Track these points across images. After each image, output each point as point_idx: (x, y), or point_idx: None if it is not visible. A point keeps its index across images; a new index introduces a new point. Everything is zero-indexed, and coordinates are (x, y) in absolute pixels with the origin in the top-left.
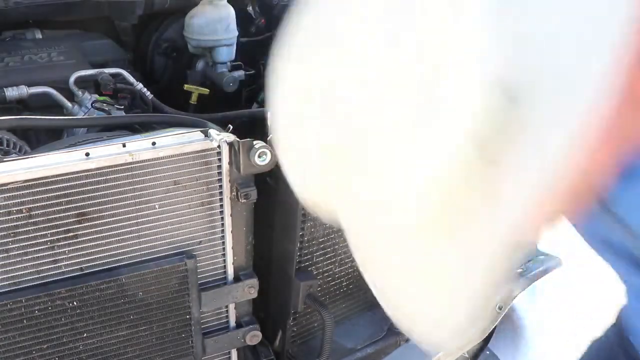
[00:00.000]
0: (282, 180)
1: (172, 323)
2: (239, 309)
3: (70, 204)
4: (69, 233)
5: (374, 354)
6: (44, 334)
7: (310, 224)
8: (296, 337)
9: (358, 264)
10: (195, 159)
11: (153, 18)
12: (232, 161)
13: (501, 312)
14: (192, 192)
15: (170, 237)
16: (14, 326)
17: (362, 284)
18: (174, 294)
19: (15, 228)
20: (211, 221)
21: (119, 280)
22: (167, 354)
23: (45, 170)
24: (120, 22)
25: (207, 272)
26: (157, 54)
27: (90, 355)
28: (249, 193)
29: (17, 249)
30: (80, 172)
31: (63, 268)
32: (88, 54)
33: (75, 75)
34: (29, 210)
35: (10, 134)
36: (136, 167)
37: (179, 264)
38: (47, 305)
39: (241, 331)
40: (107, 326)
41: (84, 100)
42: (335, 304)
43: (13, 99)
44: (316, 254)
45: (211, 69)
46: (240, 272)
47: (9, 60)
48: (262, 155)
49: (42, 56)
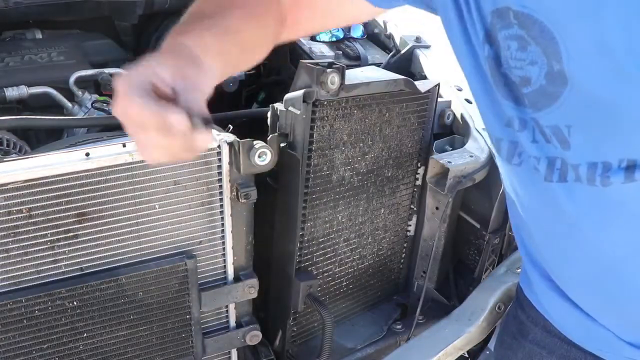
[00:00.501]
0: (282, 180)
1: (172, 323)
2: (239, 309)
3: (70, 204)
4: (69, 233)
5: (374, 354)
6: (44, 334)
7: (310, 224)
8: (296, 337)
9: None
10: (195, 159)
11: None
12: (232, 161)
13: (501, 312)
14: (192, 192)
15: (170, 237)
16: (14, 326)
17: (362, 284)
18: (174, 294)
19: (16, 228)
20: (211, 221)
21: (119, 280)
22: (167, 354)
23: (45, 170)
24: (120, 22)
25: (207, 272)
26: None
27: (91, 355)
28: (249, 193)
29: (17, 249)
30: (80, 172)
31: (63, 268)
32: (88, 54)
33: (76, 75)
34: (29, 210)
35: (10, 134)
36: (136, 167)
37: (179, 264)
38: (47, 305)
39: (241, 331)
40: (107, 326)
41: (84, 100)
42: (335, 304)
43: (13, 99)
44: (316, 254)
45: None
46: (240, 272)
47: (9, 60)
48: (262, 155)
49: (42, 56)
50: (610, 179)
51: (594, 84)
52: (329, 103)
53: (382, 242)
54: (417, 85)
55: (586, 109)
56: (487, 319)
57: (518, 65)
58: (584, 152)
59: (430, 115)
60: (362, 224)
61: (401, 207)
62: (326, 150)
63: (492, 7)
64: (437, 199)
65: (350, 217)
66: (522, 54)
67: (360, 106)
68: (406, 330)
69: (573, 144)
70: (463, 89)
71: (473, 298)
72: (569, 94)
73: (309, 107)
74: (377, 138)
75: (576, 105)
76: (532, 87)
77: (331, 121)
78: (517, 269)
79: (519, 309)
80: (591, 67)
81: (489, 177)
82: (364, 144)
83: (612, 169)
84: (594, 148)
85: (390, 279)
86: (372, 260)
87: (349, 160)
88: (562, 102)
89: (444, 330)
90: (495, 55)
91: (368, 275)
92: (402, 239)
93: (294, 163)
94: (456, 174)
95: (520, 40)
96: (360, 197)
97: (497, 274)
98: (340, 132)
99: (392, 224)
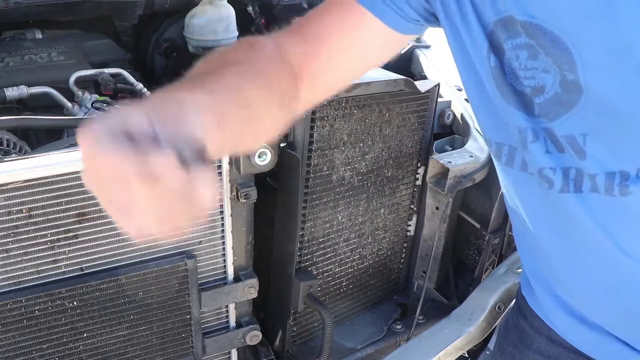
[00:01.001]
0: (282, 180)
1: (172, 323)
2: (239, 309)
3: (70, 204)
4: (69, 233)
5: (374, 354)
6: (44, 334)
7: (310, 224)
8: (296, 337)
9: None
10: (203, 222)
11: (153, 18)
12: (232, 161)
13: (501, 312)
14: None
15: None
16: (14, 326)
17: (362, 284)
18: (174, 294)
19: (16, 228)
20: (211, 221)
21: (119, 280)
22: (167, 354)
23: (45, 170)
24: (120, 22)
25: (207, 272)
26: (157, 54)
27: (91, 355)
28: (249, 193)
29: (17, 249)
30: (80, 172)
31: (63, 268)
32: (88, 54)
33: (76, 75)
34: (29, 210)
35: (10, 134)
36: None
37: (179, 264)
38: (47, 305)
39: (241, 331)
40: (107, 326)
41: (84, 100)
42: (335, 304)
43: (13, 99)
44: (316, 254)
45: None
46: (240, 272)
47: (9, 60)
48: (262, 155)
49: (42, 56)
50: (629, 188)
51: (611, 91)
52: (329, 103)
53: (382, 242)
54: (417, 85)
55: (602, 117)
56: (487, 319)
57: (529, 74)
58: (601, 161)
59: (430, 115)
60: (362, 224)
61: (401, 207)
62: (326, 150)
63: (495, 17)
64: (437, 199)
65: (350, 217)
66: (533, 63)
67: (360, 106)
68: (406, 330)
69: (589, 153)
70: (463, 89)
71: (473, 298)
72: (585, 102)
73: None
74: (377, 138)
75: (592, 113)
76: (545, 95)
77: (331, 121)
78: (518, 269)
79: (520, 318)
80: (609, 75)
81: (489, 177)
82: (364, 144)
83: (630, 178)
84: (611, 157)
85: (390, 279)
86: (372, 260)
87: (349, 160)
88: (578, 110)
89: (444, 330)
90: (501, 66)
91: (368, 275)
92: (402, 239)
93: (294, 163)
94: (456, 174)
95: (530, 49)
96: (360, 197)
97: (497, 274)
98: (340, 132)
99: (392, 224)
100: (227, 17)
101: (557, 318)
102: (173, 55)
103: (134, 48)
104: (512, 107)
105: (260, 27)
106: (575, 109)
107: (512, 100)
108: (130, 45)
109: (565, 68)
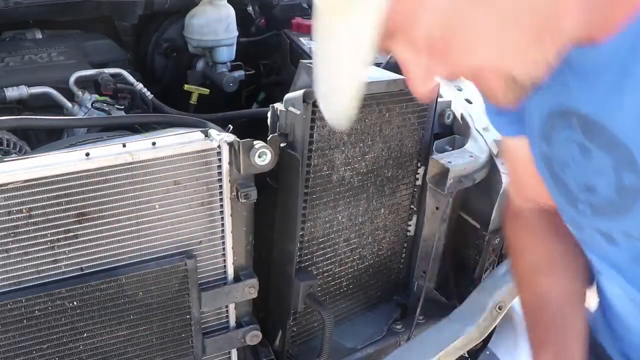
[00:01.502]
0: (282, 180)
1: (172, 323)
2: (239, 309)
3: (70, 204)
4: (69, 233)
5: (374, 354)
6: (44, 334)
7: (310, 224)
8: (296, 337)
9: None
10: (196, 159)
11: (153, 18)
12: (232, 161)
13: (501, 312)
14: (192, 192)
15: (170, 237)
16: (14, 326)
17: (362, 284)
18: (174, 294)
19: (15, 228)
20: (211, 221)
21: (119, 280)
22: (167, 354)
23: (45, 170)
24: (120, 22)
25: (207, 272)
26: (157, 54)
27: (91, 355)
28: (249, 193)
29: (17, 249)
30: (80, 172)
31: (63, 268)
32: (88, 54)
33: (76, 76)
34: (29, 210)
35: (10, 134)
36: (136, 167)
37: (179, 264)
38: (47, 305)
39: (241, 331)
40: (107, 326)
41: (84, 100)
42: (335, 304)
43: (13, 99)
44: (316, 254)
45: (211, 69)
46: (240, 272)
47: (9, 60)
48: (262, 155)
49: (42, 56)
50: None
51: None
52: None
53: (382, 242)
54: None
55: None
56: (487, 319)
57: (580, 172)
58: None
59: (430, 115)
60: (362, 224)
61: (401, 207)
62: (326, 150)
63: (551, 109)
64: (437, 199)
65: (350, 217)
66: (584, 161)
67: (360, 106)
68: (406, 330)
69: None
70: (463, 89)
71: (473, 298)
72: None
73: (309, 107)
74: (377, 138)
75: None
76: (597, 197)
77: None
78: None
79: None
80: None
81: (489, 177)
82: (364, 144)
83: None
84: None
85: (390, 279)
86: (372, 260)
87: (349, 160)
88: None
89: (444, 330)
90: (550, 155)
91: (368, 275)
92: (402, 239)
93: (294, 163)
94: (456, 174)
95: (582, 146)
96: (360, 197)
97: (497, 274)
98: (340, 132)
99: (392, 224)
100: (227, 17)
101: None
102: (173, 55)
103: (134, 48)
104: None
105: (260, 27)
106: (630, 214)
107: (556, 190)
108: (130, 45)
109: (625, 168)
